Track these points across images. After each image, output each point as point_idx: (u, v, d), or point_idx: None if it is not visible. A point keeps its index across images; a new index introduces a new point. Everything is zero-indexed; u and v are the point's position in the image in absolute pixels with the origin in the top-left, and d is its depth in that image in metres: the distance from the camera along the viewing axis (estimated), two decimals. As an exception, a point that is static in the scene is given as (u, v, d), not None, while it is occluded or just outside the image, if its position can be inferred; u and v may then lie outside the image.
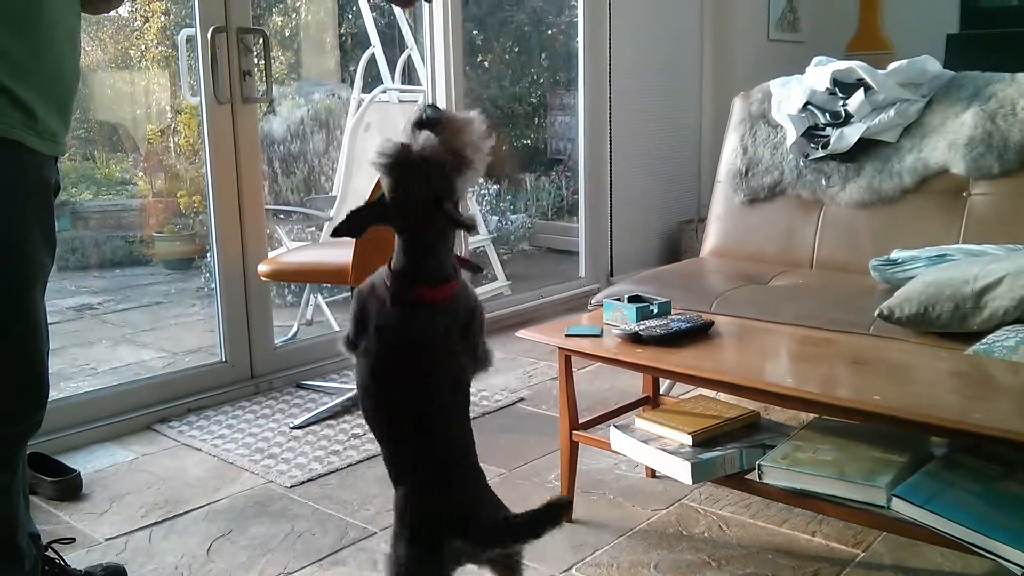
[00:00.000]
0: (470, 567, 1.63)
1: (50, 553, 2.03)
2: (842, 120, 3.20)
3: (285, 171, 5.40)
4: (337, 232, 1.54)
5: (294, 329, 4.18)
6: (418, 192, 1.52)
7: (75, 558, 2.15)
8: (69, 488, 2.62)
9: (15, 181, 1.62)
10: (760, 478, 1.96)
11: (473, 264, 1.66)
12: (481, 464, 1.68)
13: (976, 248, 2.70)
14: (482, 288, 4.68)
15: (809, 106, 3.28)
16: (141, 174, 6.25)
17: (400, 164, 1.50)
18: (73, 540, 2.27)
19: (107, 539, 2.35)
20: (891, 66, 3.21)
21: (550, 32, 6.85)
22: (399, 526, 1.58)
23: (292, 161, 5.43)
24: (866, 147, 3.16)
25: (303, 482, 2.66)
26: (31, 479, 2.55)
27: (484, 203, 5.77)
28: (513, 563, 1.65)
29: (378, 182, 1.57)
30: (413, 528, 1.55)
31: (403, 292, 1.52)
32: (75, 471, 2.67)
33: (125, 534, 2.38)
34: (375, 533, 2.34)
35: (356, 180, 4.48)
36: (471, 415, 1.68)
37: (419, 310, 1.53)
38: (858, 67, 3.21)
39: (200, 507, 2.52)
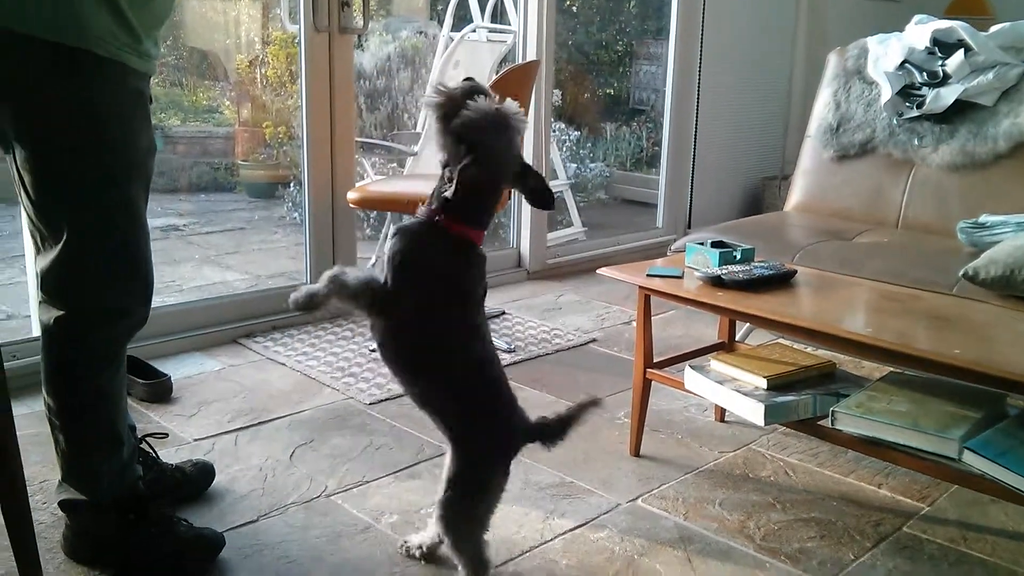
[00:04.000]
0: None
1: (144, 446, 2.15)
2: (939, 80, 3.15)
3: (370, 106, 5.46)
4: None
5: (372, 260, 4.28)
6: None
7: (165, 454, 2.26)
8: (160, 391, 2.76)
9: (124, 95, 1.73)
10: (832, 424, 1.99)
11: None
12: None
13: (1068, 216, 2.67)
14: (558, 233, 4.72)
15: (907, 64, 3.24)
16: (228, 103, 6.37)
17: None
18: (166, 436, 2.39)
19: (195, 439, 2.48)
20: (993, 28, 3.15)
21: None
22: None
23: (377, 97, 5.49)
24: (962, 109, 3.12)
25: (382, 400, 2.76)
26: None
27: (564, 149, 5.78)
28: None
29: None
30: None
31: None
32: (166, 375, 2.80)
33: (212, 436, 2.50)
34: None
35: (442, 117, 4.52)
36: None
37: None
38: (960, 27, 3.15)
39: (283, 416, 2.64)
